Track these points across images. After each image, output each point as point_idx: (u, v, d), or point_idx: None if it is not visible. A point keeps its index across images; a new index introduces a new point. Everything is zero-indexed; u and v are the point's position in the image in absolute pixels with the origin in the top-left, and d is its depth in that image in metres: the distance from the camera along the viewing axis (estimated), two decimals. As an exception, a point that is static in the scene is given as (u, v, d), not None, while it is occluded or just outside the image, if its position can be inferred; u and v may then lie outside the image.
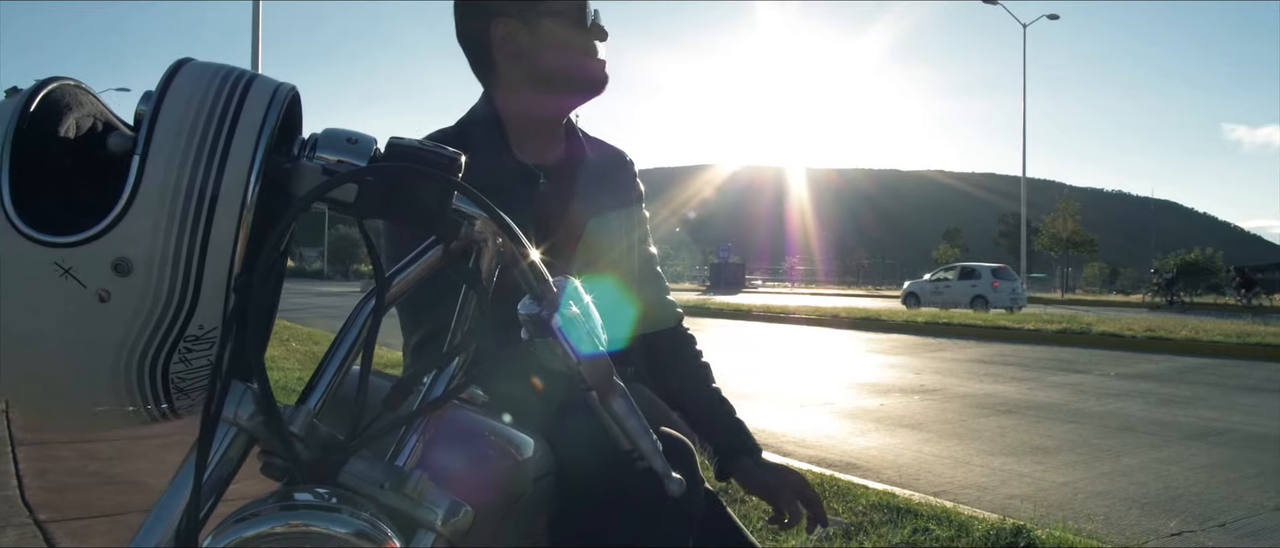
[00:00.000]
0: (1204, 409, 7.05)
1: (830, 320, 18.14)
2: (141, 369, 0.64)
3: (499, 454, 0.88)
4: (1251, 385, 8.62)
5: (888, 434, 5.95)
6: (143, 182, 0.60)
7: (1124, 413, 6.85)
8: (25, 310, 0.61)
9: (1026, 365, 10.33)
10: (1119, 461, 5.14)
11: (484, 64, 1.36)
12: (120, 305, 0.61)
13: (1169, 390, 8.18)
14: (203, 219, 0.61)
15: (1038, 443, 5.64)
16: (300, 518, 0.61)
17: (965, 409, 7.00)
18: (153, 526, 0.64)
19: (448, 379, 0.75)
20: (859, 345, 13.22)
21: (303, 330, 11.71)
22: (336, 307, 21.00)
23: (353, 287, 46.27)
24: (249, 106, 0.62)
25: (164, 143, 0.60)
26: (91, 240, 0.59)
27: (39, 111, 0.63)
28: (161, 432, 5.44)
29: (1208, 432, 6.04)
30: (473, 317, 0.76)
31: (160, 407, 0.67)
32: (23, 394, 0.67)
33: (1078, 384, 8.63)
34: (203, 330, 0.64)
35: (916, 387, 8.38)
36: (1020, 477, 4.73)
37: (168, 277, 0.61)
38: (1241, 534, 3.73)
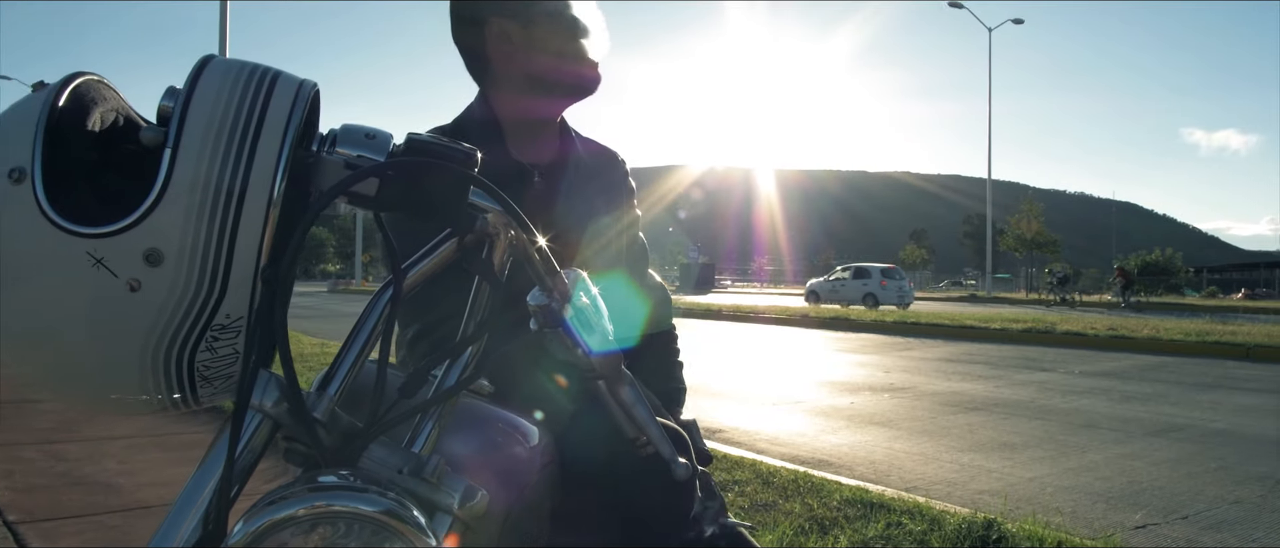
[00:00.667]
0: (1165, 406, 7.20)
1: (799, 320, 18.26)
2: (169, 358, 0.65)
3: (508, 442, 0.90)
4: (1209, 383, 8.80)
5: (859, 432, 6.01)
6: (174, 174, 0.61)
7: (1088, 410, 6.97)
8: (57, 299, 0.62)
9: (993, 364, 10.47)
10: (1084, 456, 5.24)
11: (478, 63, 1.38)
12: (150, 294, 0.62)
13: (1131, 388, 8.34)
14: (232, 211, 0.62)
15: (1005, 440, 5.73)
16: (329, 499, 0.63)
17: (934, 407, 7.08)
18: (181, 510, 0.65)
19: (460, 369, 0.77)
20: (828, 345, 13.33)
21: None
22: (306, 307, 20.81)
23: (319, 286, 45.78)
24: (275, 103, 0.64)
25: (194, 137, 0.62)
26: (124, 231, 0.61)
27: (67, 105, 0.64)
28: (128, 433, 5.39)
29: (1169, 428, 6.17)
30: (485, 308, 0.78)
31: (183, 396, 0.69)
32: (51, 380, 0.68)
33: (1043, 382, 8.77)
34: (229, 320, 0.65)
35: (886, 385, 8.47)
36: (989, 473, 4.80)
37: (197, 267, 0.62)
38: (1203, 526, 3.82)
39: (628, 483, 1.05)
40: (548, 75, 1.35)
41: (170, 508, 0.67)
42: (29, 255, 0.61)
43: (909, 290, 28.13)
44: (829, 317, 18.34)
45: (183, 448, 4.73)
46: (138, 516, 3.48)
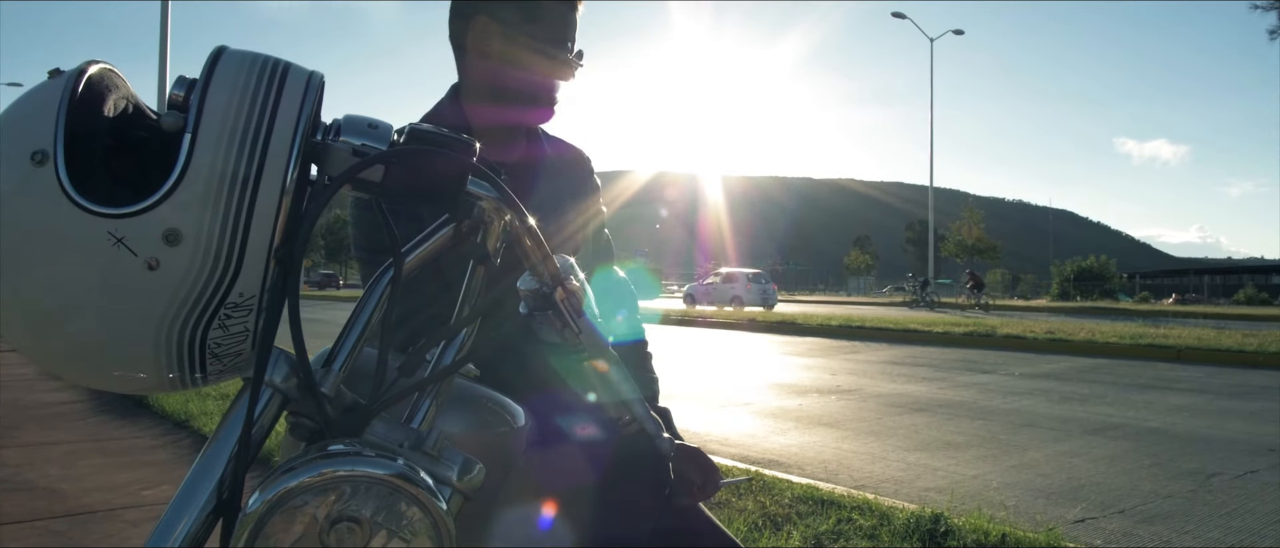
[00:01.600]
0: (1101, 406, 7.42)
1: (747, 325, 18.44)
2: (182, 335, 0.67)
3: (497, 422, 0.93)
4: (1144, 384, 9.09)
5: (807, 432, 6.11)
6: (193, 158, 0.63)
7: (1028, 410, 7.17)
8: (78, 278, 0.64)
9: (937, 366, 10.68)
10: (1025, 454, 5.38)
11: (458, 50, 1.39)
12: (168, 273, 0.64)
13: (1069, 389, 8.58)
14: (247, 194, 0.64)
15: (949, 439, 5.87)
16: (341, 465, 0.65)
17: (880, 408, 7.22)
18: (197, 481, 0.67)
19: (456, 349, 0.80)
20: (775, 348, 13.48)
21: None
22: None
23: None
24: (288, 93, 0.66)
25: (212, 123, 0.64)
26: (144, 212, 0.63)
27: (85, 92, 0.66)
28: (70, 438, 5.25)
29: (1106, 426, 6.37)
30: (480, 290, 0.81)
31: (193, 374, 0.71)
32: (67, 358, 0.70)
33: (985, 384, 8.98)
34: (243, 298, 0.67)
35: (833, 387, 8.60)
36: (934, 470, 4.92)
37: (214, 246, 0.64)
38: (1138, 520, 3.96)
39: (613, 461, 1.09)
40: (510, 87, 1.37)
41: (184, 480, 0.69)
42: (51, 235, 0.63)
43: (772, 294, 31.14)
44: (776, 321, 18.56)
45: (124, 453, 4.64)
46: (83, 521, 3.42)
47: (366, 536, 0.65)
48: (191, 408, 5.57)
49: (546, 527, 1.04)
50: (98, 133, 0.66)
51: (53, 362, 0.70)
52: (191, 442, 4.92)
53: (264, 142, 0.65)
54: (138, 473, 4.20)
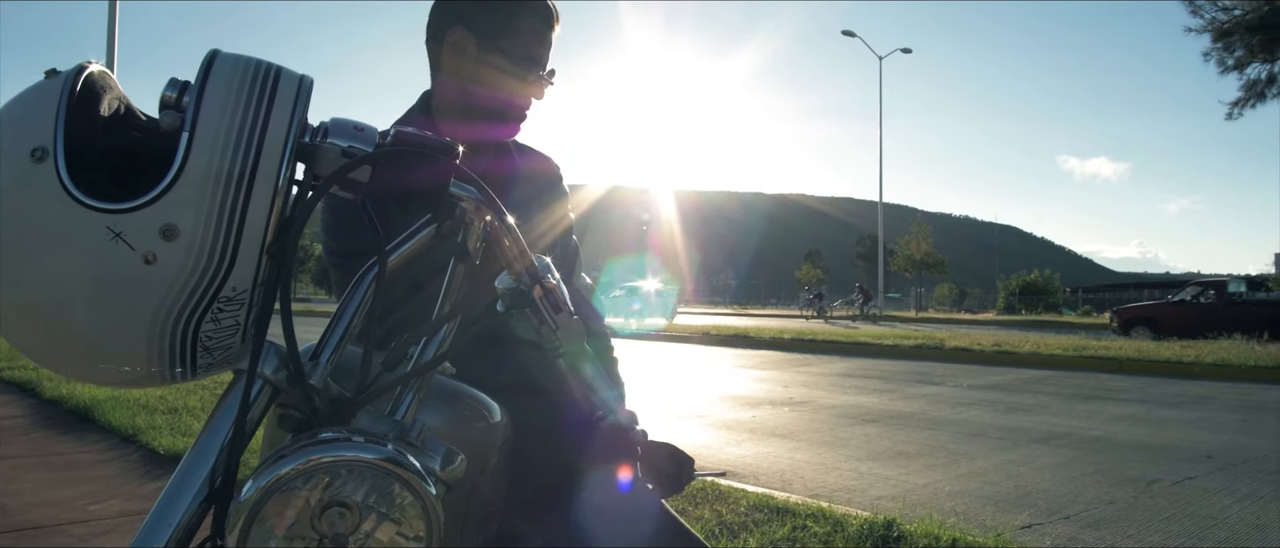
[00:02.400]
0: (1047, 416, 7.59)
1: (700, 337, 18.52)
2: (176, 328, 0.69)
3: (474, 416, 0.95)
4: (1087, 395, 9.31)
5: (761, 443, 6.16)
6: (190, 156, 0.66)
7: (976, 420, 7.30)
8: (76, 271, 0.66)
9: (887, 379, 10.83)
10: (974, 463, 5.49)
11: (433, 59, 1.41)
12: (165, 267, 0.66)
13: (1015, 400, 8.76)
14: (242, 192, 0.67)
15: (900, 449, 5.96)
16: (332, 451, 0.67)
17: (832, 419, 7.31)
18: (190, 470, 0.69)
19: (437, 345, 0.82)
20: (729, 361, 13.56)
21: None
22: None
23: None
24: (281, 94, 0.69)
25: (208, 123, 0.66)
26: (143, 207, 0.65)
27: (82, 91, 0.68)
28: (13, 454, 5.12)
29: (1051, 436, 6.52)
30: (460, 288, 0.84)
31: (182, 367, 0.72)
32: (61, 350, 0.71)
33: (934, 395, 9.13)
34: (235, 292, 0.69)
35: (785, 399, 8.69)
36: (885, 479, 5.00)
37: (209, 241, 0.67)
38: (1083, 525, 4.06)
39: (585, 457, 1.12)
40: (477, 102, 1.39)
41: (176, 470, 0.70)
42: (50, 230, 0.65)
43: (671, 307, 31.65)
44: (728, 334, 18.66)
45: (70, 468, 4.55)
46: (29, 536, 3.35)
47: (357, 519, 0.68)
48: (139, 422, 5.47)
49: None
50: (94, 131, 0.68)
51: (45, 354, 0.71)
52: (140, 456, 4.83)
53: (258, 142, 0.67)
54: (85, 488, 4.12)
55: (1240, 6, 14.29)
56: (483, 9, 1.36)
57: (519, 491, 1.11)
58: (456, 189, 0.77)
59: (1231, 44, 14.36)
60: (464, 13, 1.36)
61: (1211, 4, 14.50)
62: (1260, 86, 14.64)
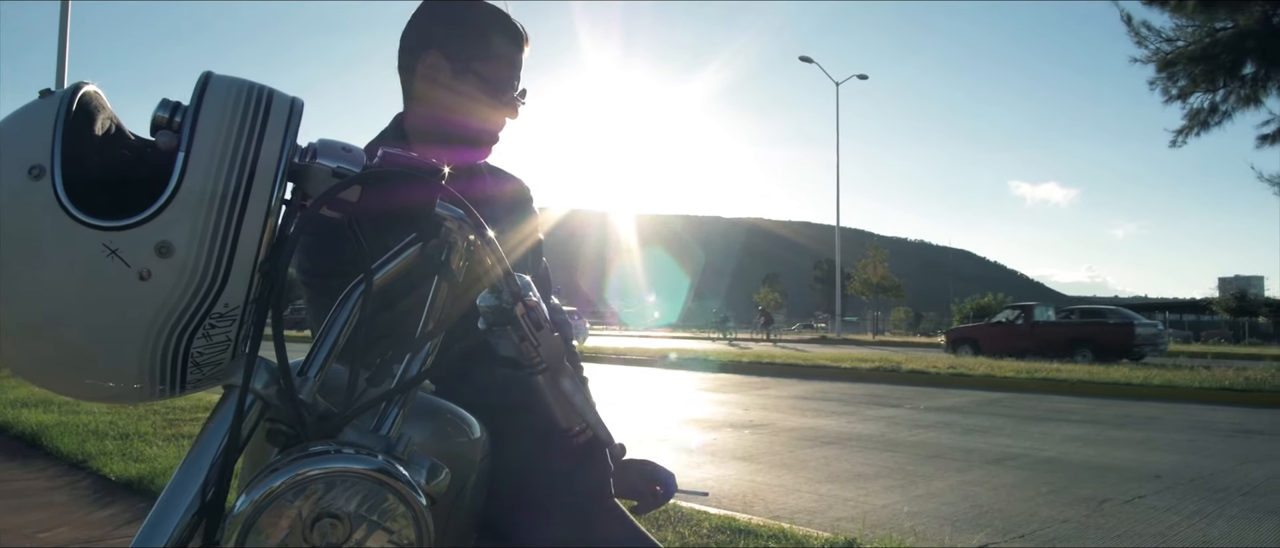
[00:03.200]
0: (1001, 437, 7.71)
1: (660, 361, 18.55)
2: (168, 343, 0.70)
3: (456, 433, 0.97)
4: (1039, 416, 9.47)
5: (721, 466, 6.19)
6: (186, 175, 0.67)
7: (933, 442, 7.40)
8: (71, 288, 0.67)
9: (845, 401, 10.94)
10: (931, 484, 5.57)
11: (406, 83, 1.42)
12: (159, 283, 0.67)
13: (971, 421, 8.89)
14: (236, 210, 0.68)
15: (859, 471, 6.02)
16: (324, 463, 0.69)
17: (791, 442, 7.36)
18: (181, 483, 0.70)
19: (420, 361, 0.84)
20: (688, 384, 13.60)
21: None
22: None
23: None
24: (273, 116, 0.71)
25: (204, 143, 0.68)
26: (139, 225, 0.66)
27: (77, 110, 0.69)
28: (-43, 479, 4.94)
29: (1005, 457, 6.62)
30: (443, 307, 0.86)
31: (172, 383, 0.73)
32: (54, 366, 0.71)
33: (891, 417, 9.23)
34: (227, 309, 0.70)
35: (745, 422, 8.73)
36: (845, 501, 5.05)
37: (203, 258, 0.68)
38: (1038, 543, 4.14)
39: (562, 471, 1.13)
40: (451, 125, 1.40)
41: (168, 483, 0.71)
42: (47, 247, 0.66)
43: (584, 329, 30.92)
44: (688, 358, 18.73)
45: (17, 495, 4.45)
46: (-24, 565, 3.27)
47: (348, 530, 0.69)
48: (89, 448, 5.36)
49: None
50: (89, 150, 0.69)
51: (32, 369, 0.72)
52: (90, 483, 4.73)
53: (252, 162, 0.69)
54: (32, 516, 4.03)
55: (1183, 38, 14.75)
56: (456, 33, 1.38)
57: (495, 507, 1.13)
58: (441, 209, 0.79)
59: (1175, 74, 14.78)
60: (437, 37, 1.38)
61: (1156, 35, 14.93)
62: (1203, 115, 15.07)
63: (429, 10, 1.42)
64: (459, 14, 1.41)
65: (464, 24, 1.39)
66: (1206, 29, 14.48)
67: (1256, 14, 13.64)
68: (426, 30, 1.40)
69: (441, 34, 1.38)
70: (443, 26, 1.39)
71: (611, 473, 1.21)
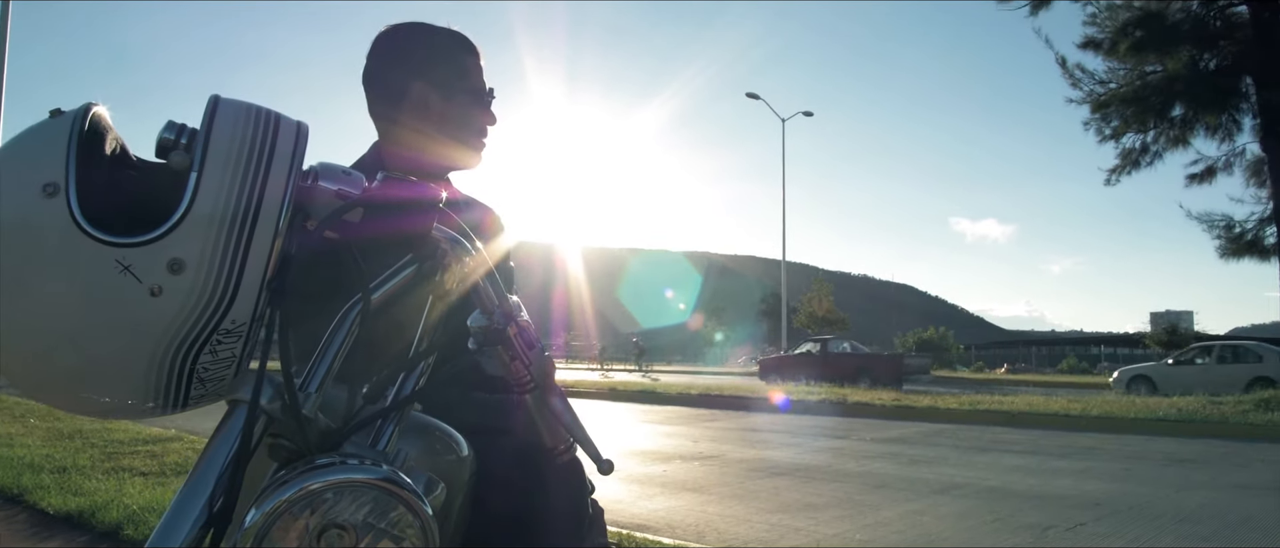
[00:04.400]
0: (946, 468, 7.84)
1: (608, 394, 18.52)
2: (175, 358, 0.71)
3: (445, 450, 0.99)
4: (982, 447, 9.65)
5: (673, 497, 6.20)
6: (198, 194, 0.69)
7: (880, 473, 7.49)
8: (83, 304, 0.68)
9: (793, 432, 11.03)
10: (879, 513, 5.64)
11: (389, 113, 1.46)
12: (170, 299, 0.69)
13: (916, 452, 9.02)
14: (246, 229, 0.70)
15: (808, 501, 6.07)
16: (332, 474, 0.71)
17: (742, 473, 7.40)
18: (189, 496, 0.71)
19: (414, 380, 0.86)
20: (635, 417, 13.59)
21: (42, 406, 10.64)
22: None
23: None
24: (281, 140, 0.73)
25: (216, 164, 0.70)
26: (152, 242, 0.68)
27: (89, 130, 0.71)
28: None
29: (951, 486, 6.73)
30: (437, 325, 0.88)
31: (176, 399, 0.74)
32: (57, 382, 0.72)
33: (839, 448, 9.33)
34: (234, 325, 0.72)
35: (695, 453, 8.76)
36: (796, 530, 5.09)
37: (213, 276, 0.70)
38: (984, 571, 4.22)
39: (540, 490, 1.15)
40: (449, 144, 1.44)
41: (176, 495, 0.72)
42: (61, 263, 0.67)
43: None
44: (635, 390, 18.72)
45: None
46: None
47: (354, 540, 0.71)
48: (25, 482, 5.21)
49: None
50: (100, 169, 0.71)
51: (39, 384, 0.73)
52: (27, 517, 4.60)
53: (262, 183, 0.71)
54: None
55: (1115, 81, 15.30)
56: (435, 58, 1.43)
57: (477, 527, 1.14)
58: (437, 232, 0.82)
59: (1108, 115, 15.31)
60: (418, 67, 1.43)
61: (1090, 78, 15.46)
62: (1135, 155, 15.61)
63: (396, 46, 1.46)
64: (431, 43, 1.45)
65: (441, 52, 1.44)
66: (1137, 72, 15.04)
67: (1184, 59, 14.21)
68: (407, 65, 1.43)
69: (422, 65, 1.43)
70: (420, 58, 1.43)
71: (588, 491, 1.23)
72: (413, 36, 1.45)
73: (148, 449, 7.12)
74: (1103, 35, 14.96)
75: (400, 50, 1.45)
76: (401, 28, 1.46)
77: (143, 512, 4.39)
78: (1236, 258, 15.46)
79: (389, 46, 1.45)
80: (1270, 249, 14.76)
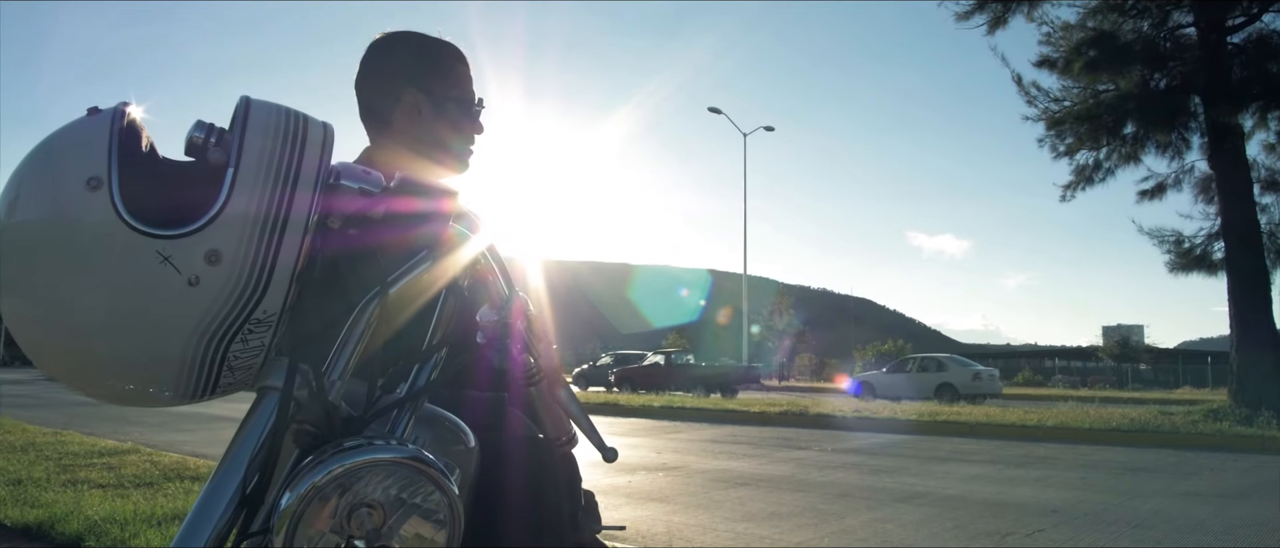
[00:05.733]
0: (907, 477, 7.96)
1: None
2: (209, 347, 0.74)
3: (454, 440, 1.01)
4: (942, 456, 9.80)
5: (639, 507, 6.24)
6: (235, 189, 0.72)
7: (843, 482, 7.59)
8: (125, 293, 0.70)
9: (755, 444, 11.10)
10: (843, 521, 5.71)
11: (380, 120, 1.48)
12: (207, 289, 0.72)
13: (877, 462, 9.14)
14: (279, 222, 0.73)
15: (773, 510, 6.14)
16: (363, 455, 0.73)
17: (706, 483, 7.45)
18: (224, 477, 0.74)
19: (428, 371, 0.90)
20: (600, 428, 13.57)
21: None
22: (27, 396, 18.68)
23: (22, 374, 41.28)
24: (310, 139, 0.76)
25: (251, 160, 0.73)
26: (191, 234, 0.70)
27: (127, 127, 0.73)
28: None
29: (912, 495, 6.84)
30: (451, 319, 0.91)
31: (205, 386, 0.77)
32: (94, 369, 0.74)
33: (801, 459, 9.42)
34: (265, 315, 0.75)
35: (659, 465, 8.79)
36: (762, 538, 5.15)
37: (248, 267, 0.73)
38: (946, 576, 4.30)
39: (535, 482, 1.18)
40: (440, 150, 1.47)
41: (210, 479, 0.75)
42: (105, 254, 0.69)
43: None
44: (599, 403, 18.73)
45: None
46: None
47: (383, 518, 0.74)
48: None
49: None
50: (140, 164, 0.73)
51: (76, 372, 0.75)
52: (-18, 530, 4.51)
53: (294, 179, 0.74)
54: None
55: (1069, 99, 15.65)
56: (428, 66, 1.46)
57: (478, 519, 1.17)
58: (451, 229, 0.85)
59: (1063, 132, 15.66)
60: (411, 75, 1.45)
61: (1045, 95, 15.81)
62: (1089, 171, 15.97)
63: (389, 54, 1.49)
64: (421, 51, 1.48)
65: (431, 59, 1.46)
66: (1091, 90, 15.40)
67: (1136, 78, 14.58)
68: (399, 71, 1.46)
69: (414, 71, 1.45)
70: (412, 66, 1.45)
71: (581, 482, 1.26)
72: (405, 44, 1.48)
73: (104, 462, 7.01)
74: (1058, 54, 15.32)
75: (392, 57, 1.47)
76: (395, 36, 1.49)
77: (104, 523, 4.33)
78: (1186, 272, 15.86)
79: (381, 53, 1.48)
80: (1218, 264, 15.15)
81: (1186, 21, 14.87)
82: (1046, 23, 15.54)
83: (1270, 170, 15.39)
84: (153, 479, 5.95)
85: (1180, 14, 14.83)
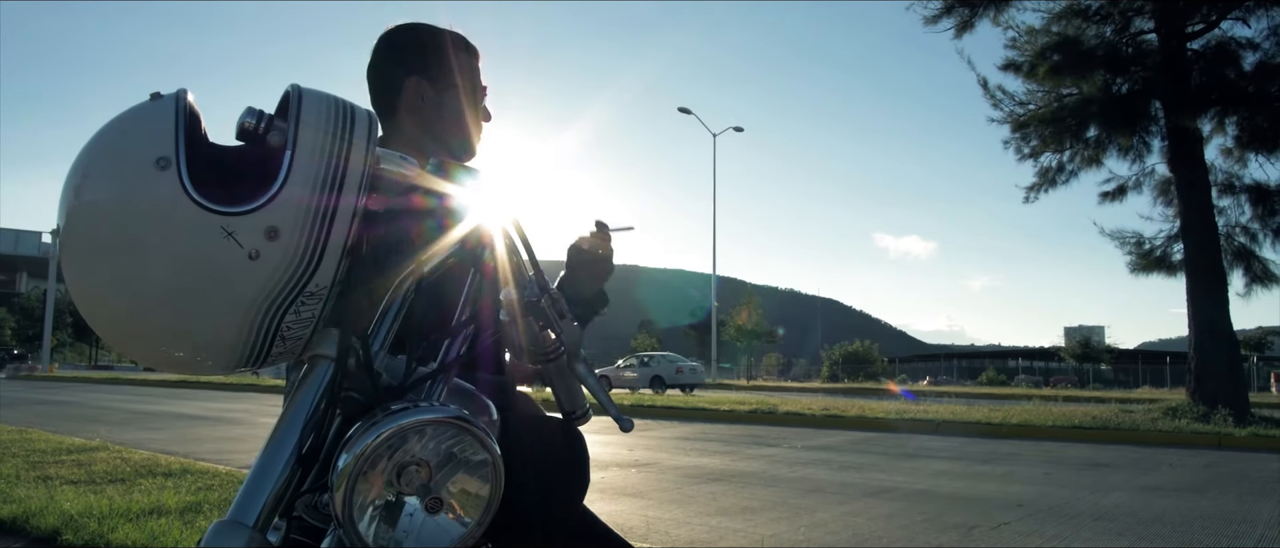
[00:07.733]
0: (876, 473, 8.09)
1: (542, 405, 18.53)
2: (264, 317, 0.80)
3: (478, 412, 1.07)
4: (909, 453, 9.96)
5: (613, 502, 6.30)
6: (293, 170, 0.77)
7: (813, 478, 7.70)
8: (190, 266, 0.76)
9: (726, 441, 11.21)
10: (814, 515, 5.81)
11: (387, 107, 1.52)
12: (265, 263, 0.77)
13: (847, 458, 9.27)
14: (332, 201, 0.79)
15: (745, 505, 6.22)
16: (412, 416, 0.79)
17: (679, 479, 7.53)
18: (281, 439, 0.79)
19: (459, 345, 0.95)
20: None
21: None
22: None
23: (1, 376, 40.61)
24: (358, 125, 0.82)
25: (306, 143, 0.79)
26: (253, 211, 0.76)
27: (189, 110, 0.79)
28: None
29: (881, 490, 6.96)
30: (478, 296, 0.97)
31: (259, 355, 0.82)
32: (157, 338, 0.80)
33: (772, 456, 9.52)
34: (318, 288, 0.81)
35: (631, 461, 8.86)
36: (736, 532, 5.23)
37: (304, 242, 0.78)
38: (916, 567, 4.40)
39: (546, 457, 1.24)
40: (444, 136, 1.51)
41: (266, 442, 0.80)
42: (173, 229, 0.75)
43: None
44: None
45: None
46: None
47: (430, 474, 0.80)
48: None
49: None
50: (200, 146, 0.79)
51: (137, 340, 0.80)
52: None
53: (345, 161, 0.80)
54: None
55: (1034, 102, 15.93)
56: (430, 55, 1.51)
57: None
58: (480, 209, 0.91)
59: (1027, 135, 15.93)
60: (413, 63, 1.50)
61: (1010, 99, 16.07)
62: (1052, 174, 16.27)
63: (395, 44, 1.53)
64: (426, 40, 1.53)
65: (435, 48, 1.51)
66: (1055, 94, 15.68)
67: (1098, 82, 14.86)
68: (403, 59, 1.50)
69: (417, 60, 1.50)
70: (415, 54, 1.50)
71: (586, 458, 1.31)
72: (412, 34, 1.52)
73: (73, 458, 6.96)
74: (1023, 58, 15.59)
75: (399, 46, 1.52)
76: (404, 27, 1.53)
77: (81, 518, 4.32)
78: (1146, 273, 16.19)
79: (389, 43, 1.52)
80: (1177, 265, 15.48)
81: (1148, 28, 15.17)
82: (1012, 27, 15.81)
83: (1228, 174, 15.75)
84: (125, 476, 5.92)
85: (1142, 20, 15.13)
